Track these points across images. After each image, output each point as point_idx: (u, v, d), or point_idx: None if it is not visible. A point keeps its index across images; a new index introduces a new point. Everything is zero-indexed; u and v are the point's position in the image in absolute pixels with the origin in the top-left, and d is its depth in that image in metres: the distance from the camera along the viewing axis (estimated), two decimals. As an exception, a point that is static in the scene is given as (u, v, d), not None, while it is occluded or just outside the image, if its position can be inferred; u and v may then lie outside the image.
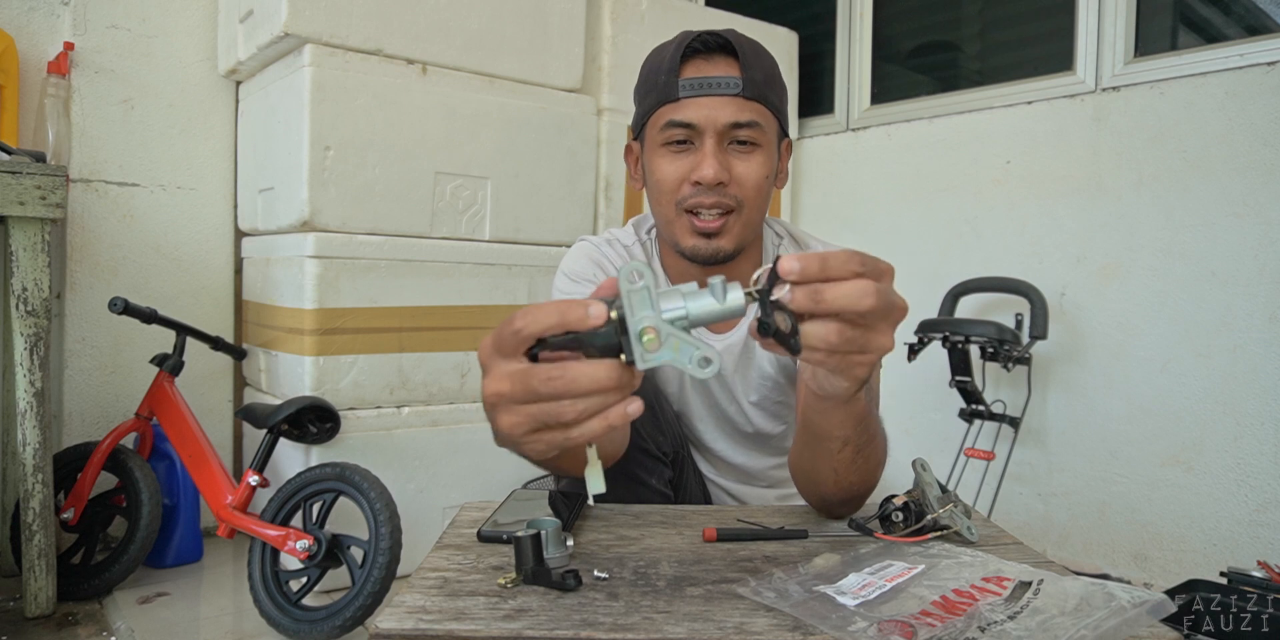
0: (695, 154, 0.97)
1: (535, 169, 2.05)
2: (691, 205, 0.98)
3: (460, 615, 0.60)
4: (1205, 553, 1.89)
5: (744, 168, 0.97)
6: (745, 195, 0.98)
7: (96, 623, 1.57)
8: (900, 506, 0.78)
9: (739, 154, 0.98)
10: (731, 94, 0.95)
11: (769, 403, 1.10)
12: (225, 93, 2.13)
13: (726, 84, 0.95)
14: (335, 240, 1.74)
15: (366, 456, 1.72)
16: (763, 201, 1.01)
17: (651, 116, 1.00)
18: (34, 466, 1.52)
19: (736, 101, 0.95)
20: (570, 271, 1.11)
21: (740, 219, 0.99)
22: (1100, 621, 0.56)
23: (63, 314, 1.92)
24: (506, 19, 1.98)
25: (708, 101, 0.95)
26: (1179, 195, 1.95)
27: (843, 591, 0.62)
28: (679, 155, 0.98)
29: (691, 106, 0.96)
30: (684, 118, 0.96)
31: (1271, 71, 1.83)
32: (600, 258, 1.10)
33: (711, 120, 0.95)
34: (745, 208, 0.98)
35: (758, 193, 0.99)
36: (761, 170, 0.98)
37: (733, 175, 0.97)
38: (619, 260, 1.11)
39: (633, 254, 1.12)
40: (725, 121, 0.95)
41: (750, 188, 0.98)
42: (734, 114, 0.95)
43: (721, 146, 0.97)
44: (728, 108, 0.95)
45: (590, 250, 1.12)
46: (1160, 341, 1.97)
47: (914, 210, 2.43)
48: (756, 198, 0.99)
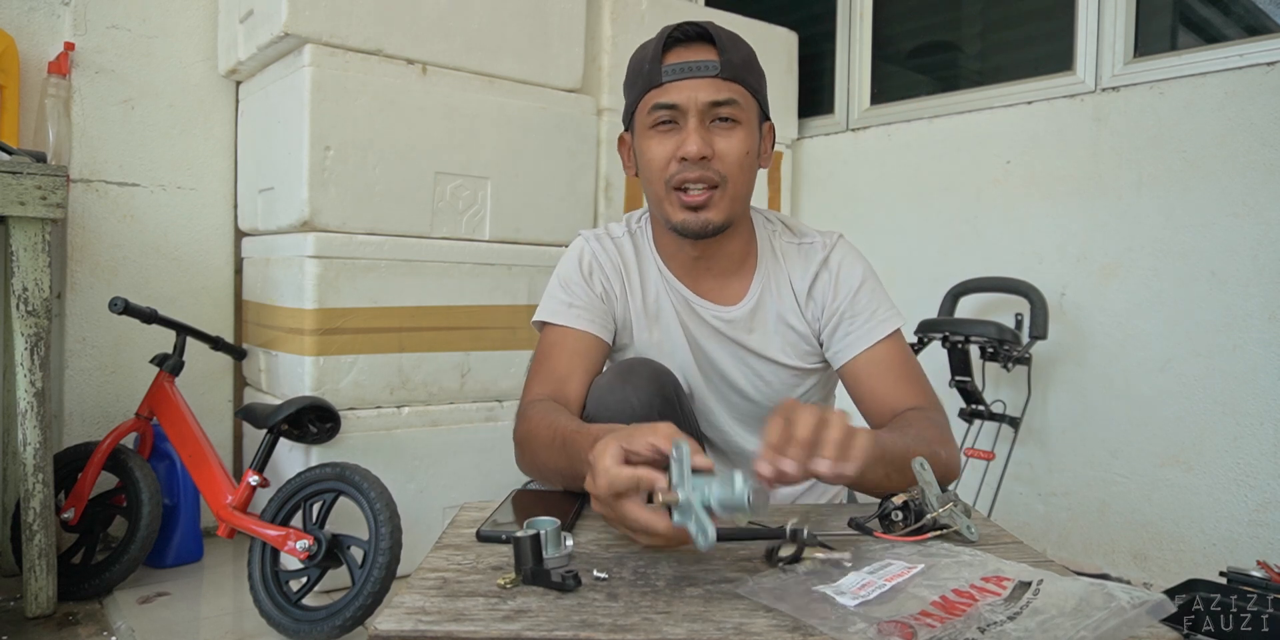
0: (680, 133, 1.03)
1: (535, 169, 2.04)
2: (679, 182, 1.03)
3: (460, 616, 0.60)
4: (1205, 553, 1.89)
5: (725, 143, 1.03)
6: (728, 170, 1.03)
7: (97, 623, 1.57)
8: (900, 506, 0.78)
9: (721, 130, 1.03)
10: (710, 76, 1.02)
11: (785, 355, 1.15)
12: (225, 93, 2.13)
13: (705, 66, 1.02)
14: (335, 240, 1.74)
15: (366, 456, 1.72)
16: (746, 176, 1.06)
17: (639, 103, 1.06)
18: (34, 466, 1.52)
19: (715, 82, 1.02)
20: (562, 276, 1.16)
21: (726, 193, 1.04)
22: (1100, 621, 0.56)
23: (63, 314, 1.92)
24: (506, 19, 1.98)
25: (689, 83, 1.02)
26: (1179, 195, 1.95)
27: (842, 591, 0.62)
28: (666, 135, 1.04)
29: (674, 89, 1.02)
30: (668, 99, 1.02)
31: (1271, 71, 1.83)
32: (591, 258, 1.16)
33: (693, 99, 1.01)
34: (729, 182, 1.04)
35: (740, 168, 1.04)
36: (743, 146, 1.04)
37: (715, 150, 1.03)
38: (606, 256, 1.16)
39: (621, 246, 1.17)
40: (706, 100, 1.01)
41: (733, 162, 1.03)
42: (713, 93, 1.02)
43: (704, 124, 1.02)
44: (707, 88, 1.02)
45: (581, 250, 1.18)
46: (1160, 341, 1.97)
47: (914, 210, 2.42)
48: (740, 172, 1.05)
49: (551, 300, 1.14)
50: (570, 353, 1.09)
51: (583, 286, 1.13)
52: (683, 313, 1.14)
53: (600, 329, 1.12)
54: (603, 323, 1.13)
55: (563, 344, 1.10)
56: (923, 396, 1.05)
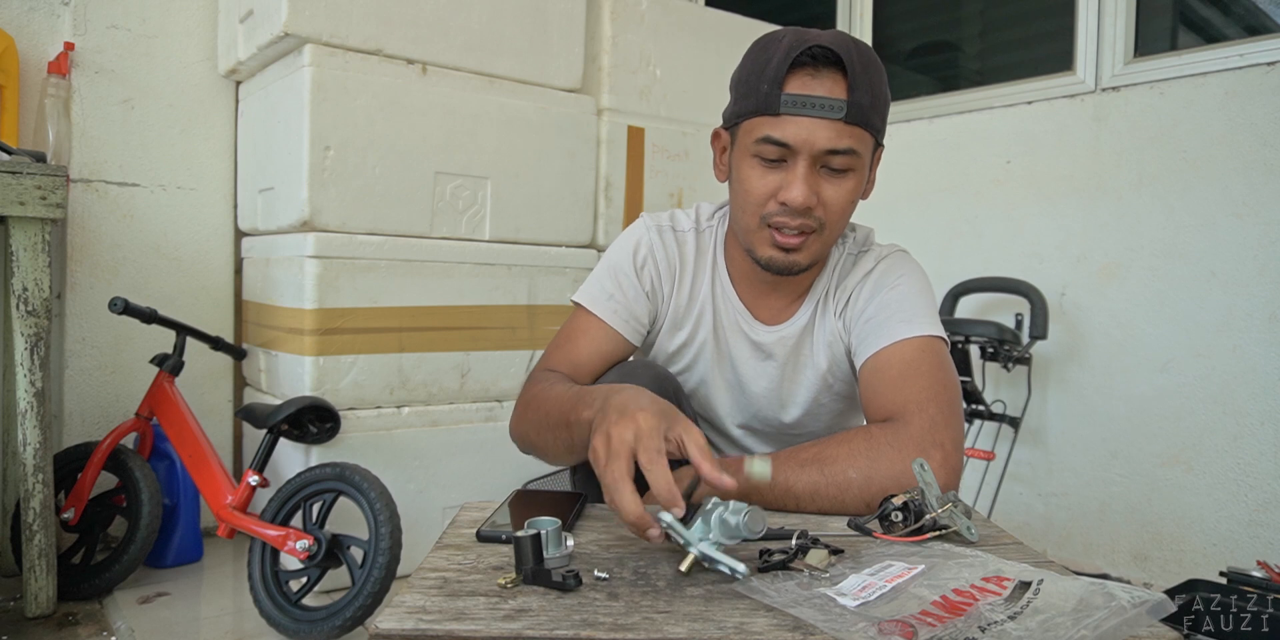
0: (786, 172, 0.95)
1: (535, 169, 2.04)
2: (776, 223, 0.97)
3: (460, 615, 0.60)
4: (1205, 553, 1.89)
5: (833, 192, 0.96)
6: (830, 218, 0.97)
7: (97, 623, 1.57)
8: (900, 506, 0.78)
9: (830, 178, 0.96)
10: (834, 118, 0.91)
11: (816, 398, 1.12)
12: (225, 93, 2.13)
13: (831, 106, 0.91)
14: (335, 240, 1.74)
15: (366, 456, 1.72)
16: (844, 223, 1.01)
17: (747, 122, 0.97)
18: (34, 466, 1.52)
19: (837, 126, 0.92)
20: (614, 263, 1.12)
21: (821, 239, 0.99)
22: (1100, 621, 0.56)
23: (63, 314, 1.92)
24: (506, 19, 1.98)
25: (808, 122, 0.92)
26: (1179, 195, 1.95)
27: (843, 592, 0.62)
28: (769, 170, 0.96)
29: (790, 125, 0.92)
30: (781, 136, 0.93)
31: (1271, 71, 1.83)
32: (648, 251, 1.11)
33: (809, 143, 0.92)
34: (827, 229, 0.98)
35: (842, 216, 0.99)
36: (850, 196, 0.97)
37: (821, 199, 0.95)
38: (664, 250, 1.11)
39: (683, 241, 1.12)
40: (822, 147, 0.92)
41: (836, 212, 0.97)
42: (832, 140, 0.92)
43: (814, 170, 0.94)
44: (827, 132, 0.92)
45: (639, 240, 1.12)
46: (1160, 341, 1.97)
47: (914, 210, 2.43)
48: (840, 220, 0.99)
49: (595, 285, 1.11)
50: (596, 342, 1.08)
51: (631, 278, 1.10)
52: (726, 323, 1.11)
53: (630, 332, 1.10)
54: (635, 325, 1.11)
55: (591, 333, 1.08)
56: (914, 402, 0.93)
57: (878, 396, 0.97)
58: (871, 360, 1.00)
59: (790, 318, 1.10)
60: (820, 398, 1.12)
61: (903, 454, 0.87)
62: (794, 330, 1.09)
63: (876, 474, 0.87)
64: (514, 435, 1.05)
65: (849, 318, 1.07)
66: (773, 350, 1.10)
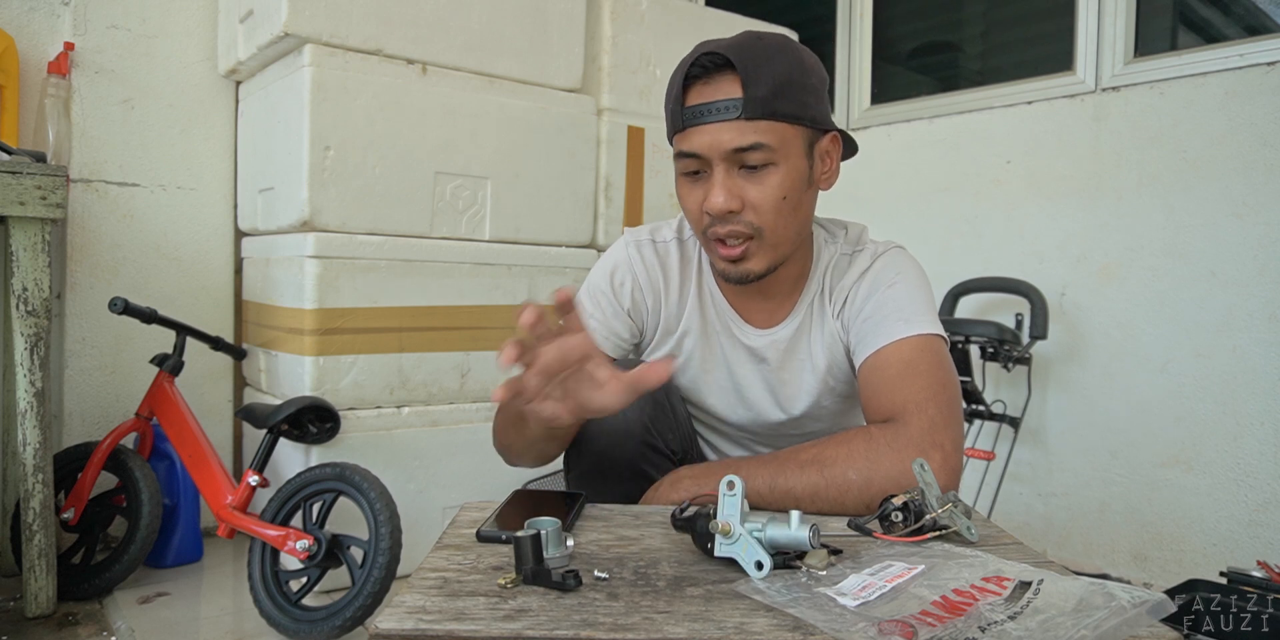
0: (707, 181, 0.96)
1: (535, 169, 2.04)
2: (712, 235, 0.98)
3: (460, 615, 0.60)
4: (1205, 553, 1.89)
5: (757, 191, 0.95)
6: (763, 220, 0.96)
7: (97, 623, 1.57)
8: (900, 506, 0.78)
9: (752, 177, 0.95)
10: (732, 118, 0.92)
11: (818, 399, 1.11)
12: (225, 93, 2.13)
13: (726, 108, 0.92)
14: (335, 240, 1.74)
15: (366, 456, 1.72)
16: (786, 220, 0.98)
17: (672, 143, 0.99)
18: (34, 466, 1.52)
19: (738, 125, 0.92)
20: (592, 284, 1.13)
21: (765, 243, 0.97)
22: (1100, 621, 0.56)
23: (63, 314, 1.92)
24: (506, 19, 1.98)
25: (709, 128, 0.93)
26: (1179, 195, 1.95)
27: (843, 592, 0.62)
28: (695, 184, 0.98)
29: (695, 135, 0.94)
30: (690, 147, 0.95)
31: (1271, 71, 1.83)
32: (626, 268, 1.12)
33: (714, 147, 0.93)
34: (765, 231, 0.97)
35: (777, 214, 0.96)
36: (777, 192, 0.95)
37: (746, 201, 0.95)
38: (643, 264, 1.11)
39: (665, 252, 1.13)
40: (727, 148, 0.92)
41: (767, 211, 0.95)
42: (735, 139, 0.92)
43: (731, 173, 0.94)
44: (728, 133, 0.92)
45: (617, 259, 1.13)
46: (1160, 341, 1.97)
47: (914, 210, 2.43)
48: (776, 219, 0.96)
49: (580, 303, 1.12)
50: None
51: (609, 298, 1.11)
52: (717, 328, 1.11)
53: (611, 347, 1.11)
54: (616, 341, 1.12)
55: None
56: (913, 402, 0.92)
57: (877, 397, 0.97)
58: (870, 360, 1.00)
59: (783, 320, 1.10)
60: (821, 399, 1.11)
61: (902, 455, 0.87)
62: (787, 333, 1.09)
63: (876, 475, 0.87)
64: (494, 443, 1.06)
65: (847, 317, 1.07)
66: (766, 353, 1.10)
